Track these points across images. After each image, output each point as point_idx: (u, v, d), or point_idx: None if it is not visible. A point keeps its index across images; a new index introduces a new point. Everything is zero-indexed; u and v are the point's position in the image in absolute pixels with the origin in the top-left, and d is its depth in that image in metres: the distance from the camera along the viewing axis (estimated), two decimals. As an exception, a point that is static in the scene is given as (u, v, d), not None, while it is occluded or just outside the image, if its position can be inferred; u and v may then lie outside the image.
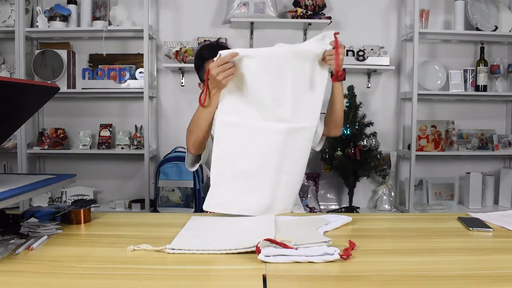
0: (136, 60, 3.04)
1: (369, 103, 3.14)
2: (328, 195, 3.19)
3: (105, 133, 3.00)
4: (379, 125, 3.06)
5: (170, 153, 2.97)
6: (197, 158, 1.62)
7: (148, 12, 2.86)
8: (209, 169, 1.49)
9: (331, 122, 1.69)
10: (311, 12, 2.91)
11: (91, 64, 3.05)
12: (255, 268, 0.93)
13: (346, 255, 0.97)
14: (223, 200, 1.41)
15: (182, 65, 2.93)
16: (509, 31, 3.04)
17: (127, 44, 3.09)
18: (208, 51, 1.66)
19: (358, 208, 3.06)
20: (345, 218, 1.32)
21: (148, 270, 0.93)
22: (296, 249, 0.98)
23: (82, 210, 1.31)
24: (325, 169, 3.05)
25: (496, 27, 2.98)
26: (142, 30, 2.82)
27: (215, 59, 1.31)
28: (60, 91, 1.51)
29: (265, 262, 0.94)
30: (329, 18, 2.95)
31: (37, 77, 2.86)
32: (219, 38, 1.81)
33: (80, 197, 2.82)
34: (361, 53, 2.95)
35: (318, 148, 1.75)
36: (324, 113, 1.67)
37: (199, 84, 1.73)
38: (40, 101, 1.39)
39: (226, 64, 1.30)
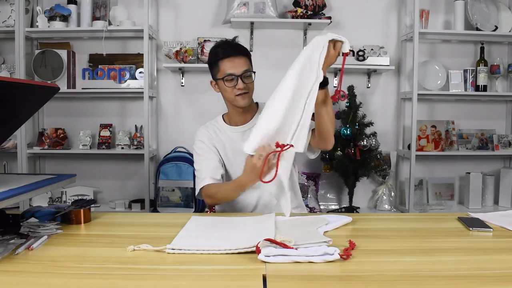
0: (136, 60, 3.04)
1: (369, 103, 3.14)
2: (328, 195, 3.19)
3: (105, 133, 3.00)
4: (379, 125, 3.06)
5: (170, 153, 2.97)
6: None
7: (148, 12, 2.86)
8: None
9: (318, 134, 1.54)
10: (311, 12, 2.91)
11: (91, 64, 3.05)
12: (255, 268, 0.93)
13: (346, 255, 0.97)
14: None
15: (182, 65, 2.93)
16: (509, 31, 3.03)
17: (127, 44, 3.09)
18: (224, 49, 1.60)
19: (358, 208, 3.06)
20: (345, 218, 1.32)
21: (148, 270, 0.93)
22: (296, 249, 0.98)
23: (82, 210, 1.31)
24: (325, 169, 3.05)
25: (496, 27, 2.98)
26: (142, 30, 2.82)
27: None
28: (60, 91, 1.51)
29: (265, 262, 0.94)
30: (329, 18, 2.95)
31: (37, 77, 2.86)
32: (235, 37, 1.71)
33: (80, 197, 2.82)
34: (361, 53, 2.95)
35: (311, 156, 1.66)
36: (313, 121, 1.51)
37: (211, 82, 1.70)
38: (40, 101, 1.39)
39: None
